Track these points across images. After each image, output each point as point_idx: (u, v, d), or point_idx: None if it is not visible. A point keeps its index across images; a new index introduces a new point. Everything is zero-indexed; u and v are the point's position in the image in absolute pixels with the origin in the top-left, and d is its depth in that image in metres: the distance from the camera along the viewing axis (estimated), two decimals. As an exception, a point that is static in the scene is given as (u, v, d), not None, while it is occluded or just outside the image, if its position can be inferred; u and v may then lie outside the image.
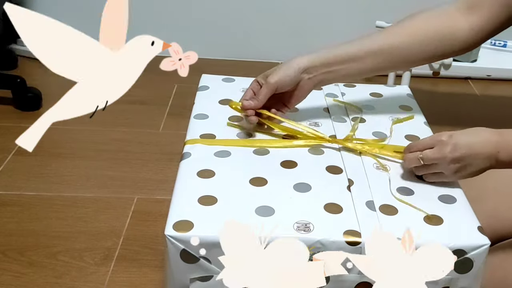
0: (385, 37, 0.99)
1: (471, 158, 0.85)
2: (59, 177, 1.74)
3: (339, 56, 0.98)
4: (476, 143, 0.86)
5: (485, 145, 0.85)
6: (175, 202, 0.80)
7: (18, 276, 1.38)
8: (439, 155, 0.85)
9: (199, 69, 0.90)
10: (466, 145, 0.85)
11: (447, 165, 0.85)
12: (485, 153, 0.85)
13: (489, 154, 0.85)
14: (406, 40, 0.98)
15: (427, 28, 0.98)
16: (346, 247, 0.74)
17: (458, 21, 0.98)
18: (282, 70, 0.95)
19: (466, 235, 0.76)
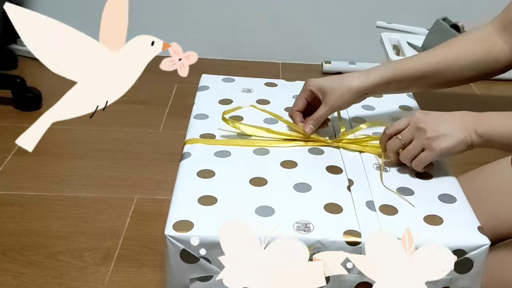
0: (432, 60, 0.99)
1: (448, 127, 0.85)
2: (59, 177, 1.74)
3: (391, 78, 0.97)
4: (450, 113, 0.87)
5: (461, 116, 0.86)
6: (175, 202, 0.80)
7: (18, 276, 1.38)
8: (414, 127, 0.86)
9: (199, 69, 0.90)
10: (441, 115, 0.87)
11: (425, 136, 0.85)
12: (462, 123, 0.85)
13: (466, 125, 0.85)
14: (451, 64, 0.98)
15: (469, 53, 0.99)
16: (346, 247, 0.74)
17: (497, 43, 0.99)
18: (341, 93, 0.95)
19: (466, 235, 0.76)
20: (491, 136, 0.84)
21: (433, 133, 0.84)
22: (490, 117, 0.86)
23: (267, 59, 2.63)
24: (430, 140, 0.85)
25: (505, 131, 0.84)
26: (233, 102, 1.08)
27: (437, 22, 1.98)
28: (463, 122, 0.85)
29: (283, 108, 1.07)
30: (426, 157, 0.86)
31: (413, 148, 0.86)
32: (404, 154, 0.87)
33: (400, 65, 0.98)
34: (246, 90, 1.13)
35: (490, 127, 0.84)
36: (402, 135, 0.87)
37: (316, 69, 2.57)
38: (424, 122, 0.85)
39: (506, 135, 0.84)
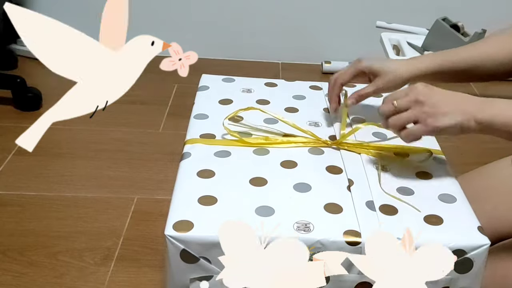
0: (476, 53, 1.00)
1: (447, 107, 0.81)
2: (59, 177, 1.74)
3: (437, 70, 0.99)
4: (454, 94, 0.84)
5: (465, 98, 0.83)
6: (175, 202, 0.80)
7: (18, 276, 1.38)
8: (414, 97, 0.83)
9: (199, 69, 0.90)
10: (441, 93, 0.83)
11: (422, 110, 0.82)
12: (463, 106, 0.82)
13: (467, 109, 0.81)
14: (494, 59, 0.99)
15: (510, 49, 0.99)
16: (346, 247, 0.74)
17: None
18: (391, 77, 0.97)
19: (466, 235, 0.76)
20: (491, 123, 0.81)
21: (431, 108, 0.82)
22: (495, 103, 0.82)
23: (267, 59, 2.63)
24: (427, 114, 0.82)
25: (507, 119, 0.80)
26: (233, 102, 1.08)
27: (437, 22, 1.98)
28: (464, 105, 0.82)
29: (283, 108, 1.07)
30: (416, 131, 0.83)
31: (406, 116, 0.83)
32: (394, 120, 0.84)
33: (447, 57, 0.99)
34: (246, 90, 1.13)
35: (492, 114, 0.81)
36: (398, 102, 0.84)
37: (316, 69, 2.57)
38: (424, 95, 0.82)
39: (506, 123, 0.80)
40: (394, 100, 0.85)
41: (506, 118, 0.80)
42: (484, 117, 0.81)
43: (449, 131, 0.82)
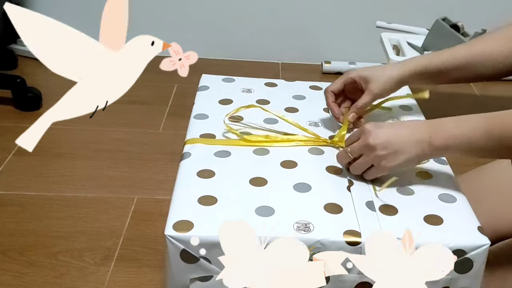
0: (465, 54, 1.00)
1: (398, 143, 0.81)
2: (59, 177, 1.74)
3: (424, 69, 0.99)
4: (404, 126, 0.84)
5: (415, 128, 0.83)
6: (175, 202, 0.80)
7: (18, 276, 1.38)
8: (364, 143, 0.83)
9: (199, 69, 0.90)
10: (390, 130, 0.83)
11: (374, 154, 0.82)
12: (414, 137, 0.81)
13: (419, 138, 0.81)
14: (483, 60, 0.98)
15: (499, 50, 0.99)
16: (346, 247, 0.74)
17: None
18: (383, 80, 0.98)
19: (466, 235, 0.76)
20: (448, 146, 0.80)
21: (382, 151, 0.82)
22: (446, 125, 0.81)
23: (267, 59, 2.63)
24: (379, 158, 0.82)
25: (464, 138, 0.80)
26: (233, 102, 1.08)
27: (437, 22, 1.98)
28: (416, 135, 0.82)
29: (283, 108, 1.07)
30: (374, 173, 0.85)
31: (362, 164, 0.84)
32: (353, 168, 0.86)
33: (436, 56, 1.00)
34: (246, 90, 1.13)
35: (446, 137, 0.80)
36: (351, 149, 0.85)
37: (316, 69, 2.57)
38: (374, 137, 0.82)
39: (464, 142, 0.80)
40: (348, 148, 0.86)
41: (459, 139, 0.80)
42: (440, 140, 0.81)
43: (406, 165, 0.84)
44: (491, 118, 0.80)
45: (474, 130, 0.79)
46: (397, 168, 0.83)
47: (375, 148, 0.82)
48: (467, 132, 0.80)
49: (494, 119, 0.80)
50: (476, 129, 0.79)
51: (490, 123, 0.79)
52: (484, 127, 0.79)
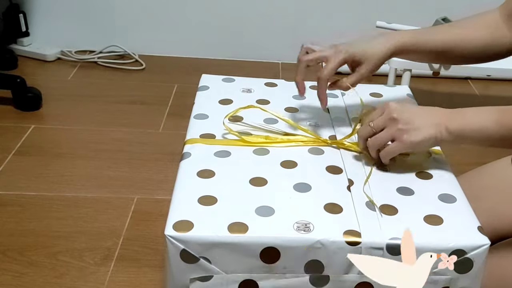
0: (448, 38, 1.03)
1: (420, 122, 0.85)
2: (59, 177, 1.74)
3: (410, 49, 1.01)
4: (426, 108, 0.88)
5: (435, 111, 0.87)
6: (175, 202, 0.80)
7: (18, 276, 1.38)
8: (388, 116, 0.86)
9: (199, 69, 0.90)
10: (415, 108, 0.88)
11: (397, 127, 0.85)
12: (434, 119, 0.85)
13: (438, 121, 0.85)
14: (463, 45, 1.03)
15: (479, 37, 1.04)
16: (346, 247, 0.74)
17: (503, 30, 1.03)
18: (373, 63, 0.98)
19: (466, 235, 0.76)
20: (462, 132, 0.84)
21: (405, 125, 0.85)
22: (464, 113, 0.86)
23: (267, 59, 2.63)
24: (401, 131, 0.85)
25: (478, 126, 0.84)
26: (233, 102, 1.08)
27: (437, 22, 1.98)
28: (435, 118, 0.86)
29: (283, 108, 1.07)
30: (394, 148, 0.86)
31: (383, 136, 0.86)
32: (372, 141, 0.87)
33: (424, 34, 1.02)
34: (246, 90, 1.13)
35: (462, 124, 0.85)
36: (374, 122, 0.87)
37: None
38: (398, 112, 0.85)
39: (478, 130, 0.84)
40: (371, 122, 0.88)
41: (474, 126, 0.84)
42: (455, 127, 0.85)
43: (424, 144, 0.86)
44: (504, 109, 0.84)
45: (487, 118, 0.84)
46: (417, 146, 0.86)
47: (399, 121, 0.85)
48: (480, 119, 0.84)
49: (507, 110, 0.84)
50: (489, 118, 0.84)
51: (503, 113, 0.84)
52: (497, 117, 0.84)
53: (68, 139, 1.93)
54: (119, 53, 2.48)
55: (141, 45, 2.48)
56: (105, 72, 2.37)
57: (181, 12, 2.53)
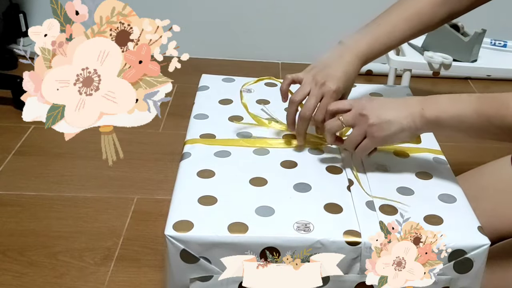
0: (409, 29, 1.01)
1: (391, 115, 0.82)
2: (59, 177, 1.74)
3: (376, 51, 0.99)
4: (397, 100, 0.85)
5: (407, 101, 0.83)
6: (175, 202, 0.80)
7: (18, 276, 1.38)
8: (357, 112, 0.83)
9: (199, 69, 0.90)
10: (385, 101, 0.84)
11: (367, 123, 0.83)
12: (406, 109, 0.82)
13: (412, 110, 0.82)
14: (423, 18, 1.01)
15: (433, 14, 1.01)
16: (346, 247, 0.74)
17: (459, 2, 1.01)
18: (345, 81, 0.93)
19: (466, 235, 0.76)
20: (440, 119, 0.81)
21: (375, 120, 0.82)
22: (439, 99, 0.82)
23: (267, 59, 2.63)
24: (372, 127, 0.83)
25: (455, 114, 0.80)
26: (233, 102, 1.08)
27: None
28: (408, 108, 0.82)
29: (283, 108, 1.07)
30: (367, 145, 0.85)
31: (356, 135, 0.85)
32: (347, 142, 0.86)
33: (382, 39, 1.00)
34: (246, 90, 1.13)
35: (439, 110, 0.81)
36: (344, 117, 0.85)
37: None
38: (367, 108, 0.83)
39: (455, 118, 0.80)
40: (340, 116, 0.85)
41: (452, 113, 0.80)
42: (432, 113, 0.81)
43: (399, 136, 0.83)
44: (483, 97, 0.80)
45: (465, 106, 0.80)
46: (390, 140, 0.84)
47: (368, 117, 0.83)
48: (458, 108, 0.80)
49: (486, 98, 0.80)
50: (467, 106, 0.80)
51: (481, 102, 0.80)
52: (475, 106, 0.80)
53: (68, 139, 1.93)
54: (119, 53, 2.49)
55: (141, 45, 2.49)
56: (105, 72, 2.37)
57: (181, 11, 2.53)
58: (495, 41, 2.00)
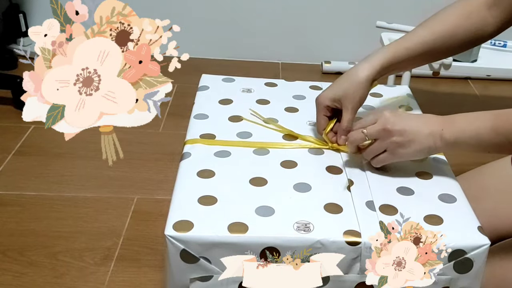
0: (429, 38, 1.00)
1: (413, 133, 0.84)
2: (59, 177, 1.74)
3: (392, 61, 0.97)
4: (419, 117, 0.87)
5: (429, 120, 0.86)
6: (175, 202, 0.80)
7: (18, 276, 1.38)
8: (381, 127, 0.85)
9: (199, 69, 0.90)
10: (408, 118, 0.86)
11: (390, 140, 0.84)
12: (428, 129, 0.84)
13: (432, 130, 0.84)
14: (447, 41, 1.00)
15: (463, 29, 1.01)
16: (346, 247, 0.74)
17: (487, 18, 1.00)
18: (353, 90, 0.94)
19: (466, 235, 0.76)
20: (458, 139, 0.83)
21: (398, 138, 0.84)
22: (457, 119, 0.85)
23: (267, 59, 2.63)
24: (395, 144, 0.85)
25: (473, 133, 0.83)
26: (233, 102, 1.08)
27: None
28: (429, 127, 0.84)
29: (283, 108, 1.07)
30: (386, 159, 0.86)
31: (377, 148, 0.86)
32: (367, 153, 0.88)
33: (398, 47, 0.98)
34: (246, 90, 1.13)
35: (458, 130, 0.83)
36: (368, 130, 0.86)
37: (316, 69, 2.57)
38: (392, 124, 0.85)
39: (474, 137, 0.83)
40: (363, 128, 0.87)
41: (469, 133, 0.83)
42: (450, 136, 0.84)
43: (418, 155, 0.86)
44: (499, 114, 0.83)
45: (482, 125, 0.83)
46: (408, 157, 0.86)
47: (393, 133, 0.84)
48: (476, 127, 0.83)
49: (502, 115, 0.83)
50: (484, 124, 0.83)
51: (498, 119, 0.82)
52: (492, 123, 0.82)
53: (68, 139, 1.93)
54: (119, 53, 2.49)
55: (141, 45, 2.49)
56: (105, 72, 2.37)
57: (181, 11, 2.53)
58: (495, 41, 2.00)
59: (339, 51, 2.57)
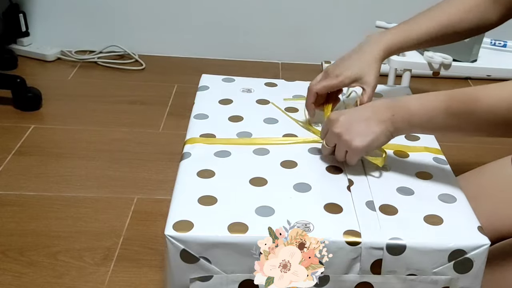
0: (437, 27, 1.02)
1: (361, 126, 0.84)
2: (59, 177, 1.74)
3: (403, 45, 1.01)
4: (367, 107, 0.87)
5: (378, 109, 0.85)
6: (175, 202, 0.80)
7: (18, 276, 1.38)
8: (331, 132, 0.87)
9: (199, 69, 0.90)
10: (352, 114, 0.86)
11: (341, 140, 0.86)
12: (377, 117, 0.84)
13: (381, 118, 0.84)
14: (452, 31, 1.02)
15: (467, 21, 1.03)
16: (346, 247, 0.74)
17: (489, 11, 1.02)
18: (372, 69, 0.98)
19: (466, 235, 0.76)
20: (411, 123, 0.82)
21: (348, 135, 0.85)
22: (407, 103, 0.83)
23: (267, 59, 2.63)
24: (348, 142, 0.85)
25: (427, 116, 0.81)
26: (233, 102, 1.08)
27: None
28: (378, 115, 0.84)
29: (283, 108, 1.07)
30: (350, 158, 0.87)
31: (339, 152, 0.87)
32: (337, 158, 0.89)
33: (409, 32, 1.01)
34: (246, 90, 1.13)
35: (408, 115, 0.82)
36: (326, 140, 0.89)
37: (316, 69, 2.57)
38: (338, 125, 0.86)
39: (427, 120, 0.81)
40: (323, 140, 0.89)
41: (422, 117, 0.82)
42: (402, 117, 0.83)
43: (377, 143, 0.85)
44: (452, 94, 0.81)
45: (436, 106, 0.81)
46: (369, 148, 0.85)
47: (340, 134, 0.85)
48: (429, 109, 0.81)
49: (455, 95, 0.81)
50: (437, 105, 0.81)
51: (452, 99, 0.80)
52: (445, 104, 0.80)
53: (68, 139, 1.93)
54: (119, 53, 2.48)
55: (141, 45, 2.48)
56: (105, 72, 2.37)
57: (181, 12, 2.53)
58: (495, 41, 2.00)
59: (339, 51, 2.56)
